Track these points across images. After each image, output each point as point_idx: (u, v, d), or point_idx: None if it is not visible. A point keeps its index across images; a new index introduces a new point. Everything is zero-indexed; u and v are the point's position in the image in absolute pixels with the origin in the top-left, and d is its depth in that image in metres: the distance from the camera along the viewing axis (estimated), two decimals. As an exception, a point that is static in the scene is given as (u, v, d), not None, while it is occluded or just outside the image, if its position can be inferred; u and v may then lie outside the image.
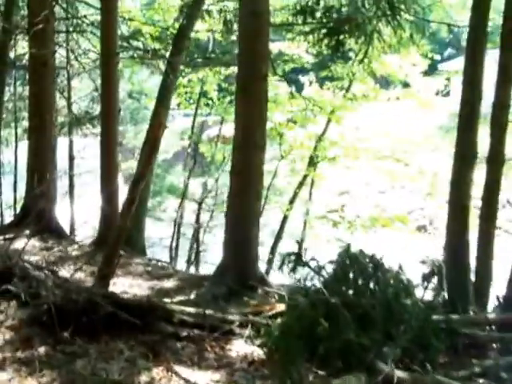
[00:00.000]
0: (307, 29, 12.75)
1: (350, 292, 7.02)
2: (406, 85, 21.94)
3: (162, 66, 16.85)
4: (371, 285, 7.11)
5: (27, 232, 12.54)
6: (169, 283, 10.18)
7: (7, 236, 11.98)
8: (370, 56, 15.28)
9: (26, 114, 20.39)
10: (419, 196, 30.27)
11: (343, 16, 11.98)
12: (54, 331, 6.71)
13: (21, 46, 17.22)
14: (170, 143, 25.30)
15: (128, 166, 27.77)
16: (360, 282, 7.05)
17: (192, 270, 18.45)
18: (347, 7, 11.99)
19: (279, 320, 7.25)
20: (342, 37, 12.10)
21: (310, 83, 20.89)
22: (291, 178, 20.92)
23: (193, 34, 16.48)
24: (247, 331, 7.29)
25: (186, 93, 21.72)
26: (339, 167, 21.71)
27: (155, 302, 7.75)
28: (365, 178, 29.98)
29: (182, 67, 16.69)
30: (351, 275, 7.08)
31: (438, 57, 21.32)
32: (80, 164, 22.30)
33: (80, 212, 19.07)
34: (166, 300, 8.76)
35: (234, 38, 17.13)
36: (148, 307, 7.32)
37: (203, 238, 19.94)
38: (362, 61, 16.06)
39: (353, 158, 19.43)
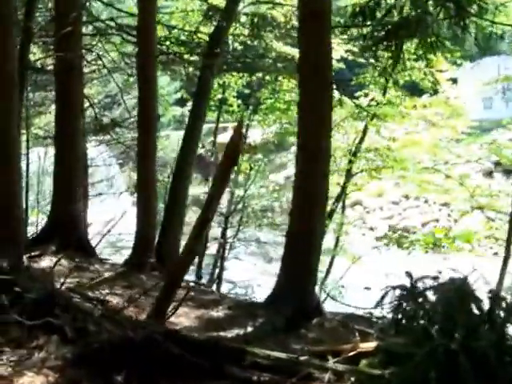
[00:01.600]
0: (364, 31, 11.73)
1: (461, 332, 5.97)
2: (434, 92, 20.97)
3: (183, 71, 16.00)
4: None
5: (53, 248, 11.62)
6: (218, 312, 9.12)
7: (33, 253, 10.95)
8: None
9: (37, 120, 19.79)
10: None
11: (405, 17, 10.92)
12: (106, 374, 5.69)
13: (40, 50, 16.29)
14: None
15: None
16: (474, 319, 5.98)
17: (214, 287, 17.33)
18: (410, 8, 10.93)
19: (364, 363, 6.19)
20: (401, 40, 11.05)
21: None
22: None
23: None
24: (327, 376, 6.22)
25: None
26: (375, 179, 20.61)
27: (223, 340, 6.69)
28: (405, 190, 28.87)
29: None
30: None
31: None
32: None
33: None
34: (222, 333, 7.78)
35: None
36: (215, 347, 6.25)
37: (228, 255, 18.87)
38: (394, 66, 14.94)
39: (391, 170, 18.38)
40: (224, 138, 18.61)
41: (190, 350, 6.01)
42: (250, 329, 8.32)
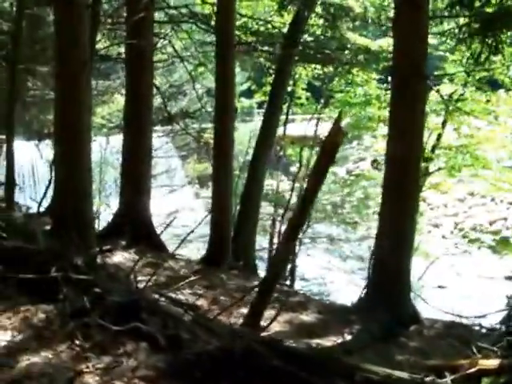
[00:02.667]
0: (461, 21, 10.93)
1: None
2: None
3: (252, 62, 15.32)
4: None
5: (123, 243, 11.12)
6: (308, 316, 8.49)
7: (103, 248, 10.40)
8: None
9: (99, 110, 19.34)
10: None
11: (505, 7, 10.12)
12: (203, 387, 4.99)
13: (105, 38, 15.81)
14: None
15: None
16: None
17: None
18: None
19: (486, 381, 5.52)
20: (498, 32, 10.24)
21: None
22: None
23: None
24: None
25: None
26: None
27: (331, 352, 6.02)
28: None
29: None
30: None
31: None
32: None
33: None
34: (318, 340, 7.15)
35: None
36: (323, 360, 5.59)
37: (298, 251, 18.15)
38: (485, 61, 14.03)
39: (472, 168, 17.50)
40: (292, 130, 17.92)
41: (295, 363, 5.37)
42: (346, 336, 7.66)
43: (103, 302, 6.39)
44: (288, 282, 17.01)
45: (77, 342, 5.82)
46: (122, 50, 16.13)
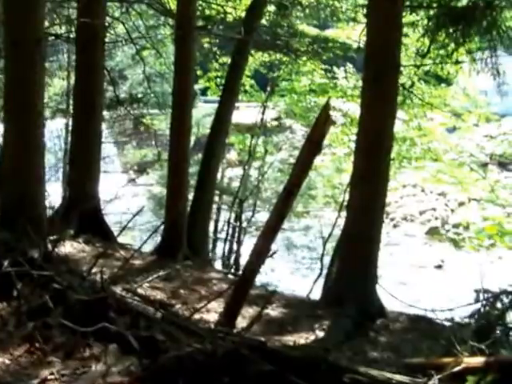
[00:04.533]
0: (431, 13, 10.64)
1: None
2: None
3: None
4: None
5: (71, 232, 10.57)
6: (274, 311, 8.10)
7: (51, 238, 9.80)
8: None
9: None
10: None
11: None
12: (184, 395, 4.59)
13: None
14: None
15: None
16: None
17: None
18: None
19: (471, 380, 5.24)
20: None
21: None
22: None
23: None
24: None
25: (216, 77, 19.58)
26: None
27: (314, 352, 5.63)
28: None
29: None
30: None
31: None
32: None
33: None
34: (290, 337, 6.81)
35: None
36: (310, 361, 5.19)
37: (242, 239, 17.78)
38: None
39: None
40: (236, 118, 17.47)
41: (281, 365, 4.98)
42: (318, 333, 7.32)
43: (65, 300, 5.91)
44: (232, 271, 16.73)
45: (37, 345, 5.32)
46: (64, 29, 15.49)
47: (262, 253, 6.31)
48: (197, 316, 7.09)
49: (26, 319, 5.69)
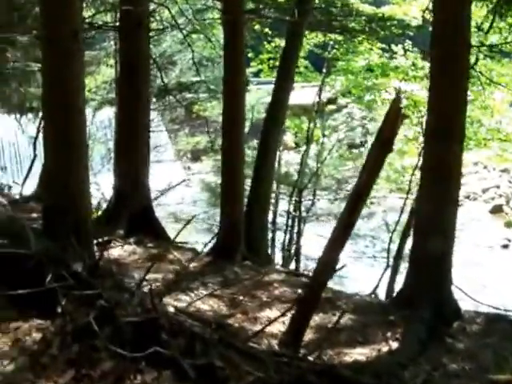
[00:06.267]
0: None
1: None
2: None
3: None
4: None
5: (121, 232, 10.04)
6: (343, 317, 7.34)
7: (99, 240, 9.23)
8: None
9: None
10: None
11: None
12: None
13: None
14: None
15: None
16: None
17: (292, 266, 15.65)
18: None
19: None
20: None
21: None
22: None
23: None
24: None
25: (269, 59, 18.90)
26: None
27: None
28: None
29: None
30: None
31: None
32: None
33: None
34: (361, 350, 6.16)
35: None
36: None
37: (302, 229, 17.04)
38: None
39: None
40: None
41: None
42: (393, 343, 6.63)
43: (113, 319, 5.33)
44: (293, 263, 16.11)
45: (83, 371, 4.77)
46: (108, 18, 14.92)
47: (329, 264, 5.64)
48: (258, 326, 6.52)
49: (70, 340, 5.13)
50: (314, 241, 17.11)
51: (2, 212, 8.70)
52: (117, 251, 9.27)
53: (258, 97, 21.97)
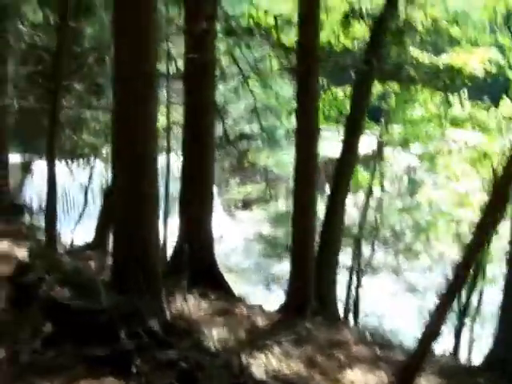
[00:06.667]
0: None
1: None
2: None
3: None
4: None
5: (184, 282, 9.67)
6: (429, 383, 6.88)
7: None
8: None
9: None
10: None
11: None
12: None
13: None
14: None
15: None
16: None
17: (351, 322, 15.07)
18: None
19: None
20: None
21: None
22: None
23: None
24: None
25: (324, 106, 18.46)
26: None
27: None
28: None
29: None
30: None
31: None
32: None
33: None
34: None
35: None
36: None
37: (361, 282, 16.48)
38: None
39: None
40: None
41: None
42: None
43: (194, 383, 4.97)
44: (351, 316, 15.56)
45: None
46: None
47: (433, 334, 5.23)
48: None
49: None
50: (371, 293, 16.68)
51: (68, 263, 8.40)
52: (182, 304, 8.90)
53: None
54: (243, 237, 22.45)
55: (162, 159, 17.94)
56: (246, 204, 26.17)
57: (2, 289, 7.52)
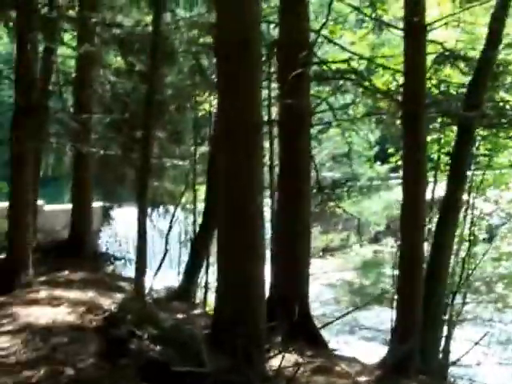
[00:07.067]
0: None
1: None
2: None
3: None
4: None
5: (279, 338, 9.30)
6: None
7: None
8: None
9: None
10: None
11: None
12: None
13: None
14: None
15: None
16: None
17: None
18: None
19: None
20: None
21: None
22: None
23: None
24: None
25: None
26: None
27: None
28: None
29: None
30: None
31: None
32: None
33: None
34: None
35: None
36: None
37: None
38: None
39: None
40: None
41: None
42: None
43: None
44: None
45: None
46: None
47: None
48: None
49: None
50: (462, 344, 15.96)
51: (166, 319, 8.12)
52: (278, 361, 8.49)
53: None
54: (326, 283, 22.04)
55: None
56: (327, 251, 25.82)
57: (91, 341, 7.31)
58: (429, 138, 14.85)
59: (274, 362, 8.40)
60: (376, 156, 26.47)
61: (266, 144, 12.10)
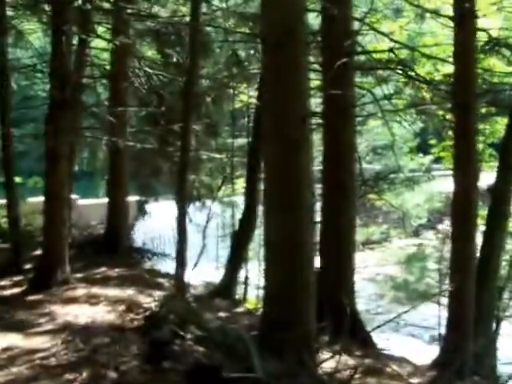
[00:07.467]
0: None
1: None
2: None
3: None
4: None
5: (325, 338, 8.95)
6: None
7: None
8: None
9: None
10: None
11: None
12: None
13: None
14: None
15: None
16: None
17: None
18: None
19: None
20: None
21: None
22: None
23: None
24: None
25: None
26: None
27: None
28: None
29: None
30: None
31: None
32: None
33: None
34: None
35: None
36: None
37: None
38: None
39: None
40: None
41: None
42: None
43: None
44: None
45: None
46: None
47: None
48: None
49: None
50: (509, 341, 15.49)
51: (211, 319, 7.83)
52: (328, 362, 8.17)
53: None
54: (368, 278, 21.64)
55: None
56: (366, 244, 25.45)
57: (132, 342, 7.03)
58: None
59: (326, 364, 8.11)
60: (417, 147, 26.07)
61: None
